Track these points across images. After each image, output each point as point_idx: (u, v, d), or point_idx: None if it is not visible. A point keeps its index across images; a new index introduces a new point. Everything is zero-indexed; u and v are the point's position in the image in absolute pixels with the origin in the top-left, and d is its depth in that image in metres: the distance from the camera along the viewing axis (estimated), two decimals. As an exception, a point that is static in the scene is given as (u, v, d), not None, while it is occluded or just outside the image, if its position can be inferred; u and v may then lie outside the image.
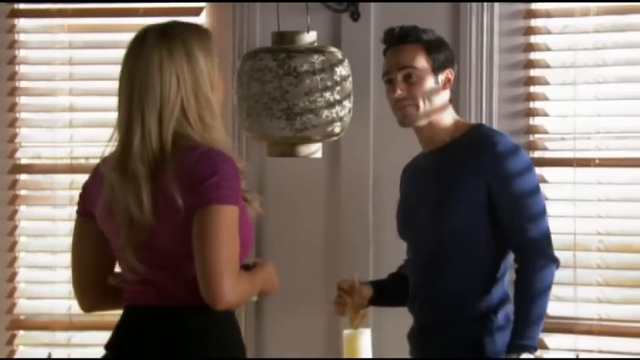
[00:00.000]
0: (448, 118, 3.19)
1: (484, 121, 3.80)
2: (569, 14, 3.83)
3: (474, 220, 3.09)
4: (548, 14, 3.87)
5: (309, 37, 3.65)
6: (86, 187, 2.65)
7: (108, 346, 2.61)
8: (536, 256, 3.07)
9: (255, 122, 3.56)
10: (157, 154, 2.47)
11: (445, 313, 3.11)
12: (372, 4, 3.97)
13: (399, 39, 3.18)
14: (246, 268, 2.60)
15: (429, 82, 3.14)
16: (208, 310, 2.47)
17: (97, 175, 2.60)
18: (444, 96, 3.17)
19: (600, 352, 3.77)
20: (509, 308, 3.13)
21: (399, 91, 3.13)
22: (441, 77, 3.16)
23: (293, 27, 3.72)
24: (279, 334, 4.01)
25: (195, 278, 2.45)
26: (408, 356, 3.24)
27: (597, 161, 3.79)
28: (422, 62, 3.14)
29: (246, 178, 2.57)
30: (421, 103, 3.13)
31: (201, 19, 4.16)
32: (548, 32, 3.87)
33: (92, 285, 2.64)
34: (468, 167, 3.09)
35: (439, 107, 3.15)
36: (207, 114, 2.53)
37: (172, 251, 2.49)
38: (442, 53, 3.17)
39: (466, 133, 3.16)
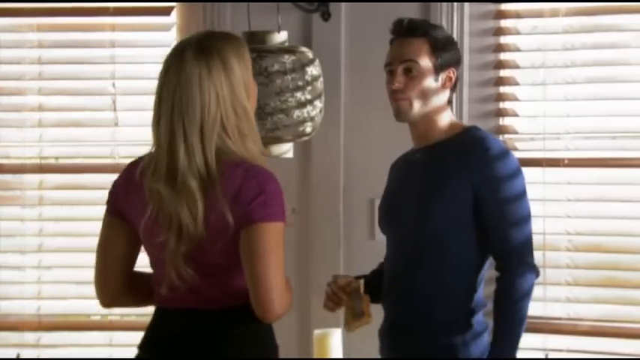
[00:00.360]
0: (445, 117, 3.13)
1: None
2: (539, 15, 3.85)
3: (457, 221, 3.05)
4: (517, 15, 3.89)
5: (280, 37, 3.66)
6: (117, 188, 2.74)
7: (142, 346, 2.72)
8: (517, 265, 3.04)
9: (226, 122, 3.55)
10: (202, 170, 2.55)
11: (418, 313, 3.08)
12: (343, 4, 3.97)
13: (406, 31, 3.12)
14: None
15: (429, 80, 3.09)
16: (247, 314, 2.58)
17: (131, 178, 2.68)
18: (443, 95, 3.12)
19: (569, 351, 3.80)
20: (482, 314, 3.12)
21: (396, 84, 3.07)
22: (442, 76, 3.10)
23: (264, 27, 3.72)
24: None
25: (235, 287, 2.60)
26: (378, 356, 3.23)
27: (566, 161, 3.81)
28: (425, 58, 3.09)
29: None
30: (416, 99, 3.08)
31: (172, 19, 4.15)
32: (518, 33, 3.89)
33: (115, 282, 2.73)
34: (456, 167, 3.06)
35: (435, 105, 3.10)
36: (244, 125, 2.61)
37: (218, 264, 2.59)
38: (448, 52, 3.12)
39: (459, 133, 3.12)
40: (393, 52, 3.14)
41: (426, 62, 3.09)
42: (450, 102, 3.15)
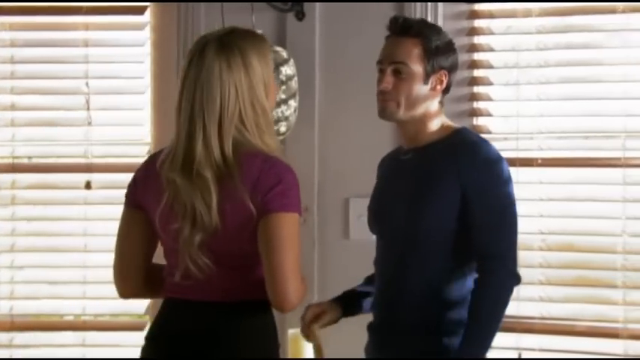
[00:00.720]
0: (435, 119, 3.08)
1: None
2: (512, 15, 3.87)
3: (446, 222, 3.01)
4: (491, 15, 3.90)
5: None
6: (136, 180, 2.78)
7: (150, 338, 2.78)
8: (498, 270, 3.00)
9: (200, 122, 3.54)
10: (219, 161, 2.60)
11: (410, 312, 3.05)
12: (317, 3, 3.97)
13: (400, 30, 3.05)
14: None
15: (418, 82, 3.02)
16: (259, 307, 2.64)
17: (150, 170, 2.73)
18: (433, 98, 3.06)
19: (542, 350, 3.81)
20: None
21: (384, 84, 3.02)
22: (433, 79, 3.03)
23: (238, 26, 3.71)
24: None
25: (246, 276, 2.64)
26: (353, 356, 3.23)
27: (539, 161, 3.82)
28: (415, 60, 3.02)
29: None
30: (403, 102, 3.02)
31: (145, 18, 4.14)
32: (492, 33, 3.90)
33: (134, 273, 2.79)
34: (446, 169, 3.01)
35: (424, 108, 3.05)
36: (262, 121, 2.66)
37: (232, 253, 2.62)
38: (441, 55, 3.04)
39: (450, 135, 3.07)
40: (385, 50, 3.07)
41: (416, 64, 3.02)
42: (441, 103, 3.09)
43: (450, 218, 3.02)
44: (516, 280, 3.03)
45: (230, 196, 2.59)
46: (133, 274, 2.79)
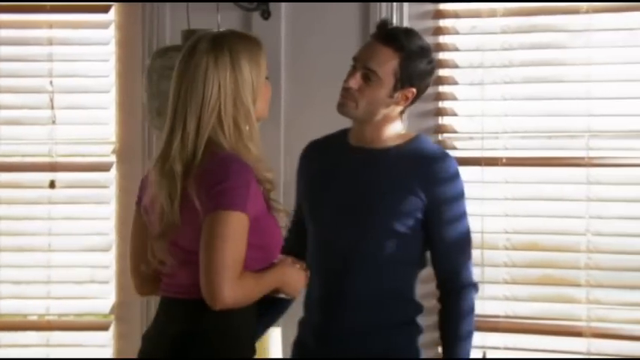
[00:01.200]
0: (393, 126, 3.08)
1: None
2: (477, 15, 3.88)
3: (402, 225, 3.03)
4: (456, 15, 3.91)
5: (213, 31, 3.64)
6: (143, 181, 2.81)
7: (143, 337, 2.80)
8: (459, 285, 3.05)
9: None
10: (190, 157, 2.62)
11: (364, 317, 3.04)
12: (283, 3, 3.96)
13: (384, 37, 3.02)
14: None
15: (383, 93, 3.00)
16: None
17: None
18: (394, 108, 3.04)
19: (506, 348, 3.83)
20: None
21: (351, 83, 3.01)
22: (399, 94, 3.01)
23: (203, 25, 3.70)
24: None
25: None
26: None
27: (504, 160, 3.84)
28: (388, 72, 2.99)
29: (275, 188, 2.71)
30: (362, 105, 3.02)
31: (110, 17, 4.12)
32: (457, 33, 3.92)
33: (143, 271, 2.79)
34: (406, 178, 3.02)
35: (380, 115, 3.04)
36: (243, 123, 2.66)
37: (194, 251, 2.60)
38: (417, 75, 3.01)
39: (408, 142, 3.07)
40: (363, 50, 3.06)
41: (387, 76, 2.99)
42: (402, 113, 3.08)
43: (405, 224, 3.02)
44: (476, 290, 3.08)
45: (187, 193, 2.60)
46: (142, 271, 2.80)
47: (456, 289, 3.04)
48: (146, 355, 2.74)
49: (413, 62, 3.00)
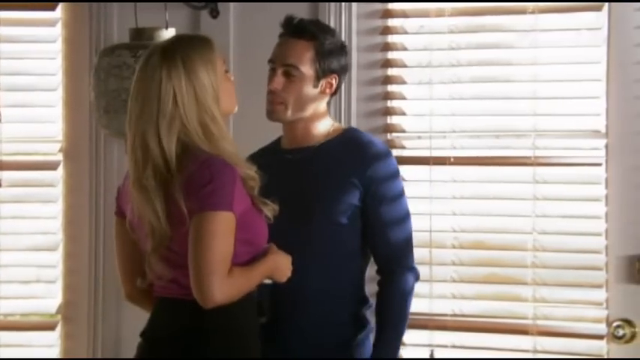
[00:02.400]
0: (323, 120, 3.15)
1: (343, 120, 3.84)
2: (425, 15, 3.89)
3: (345, 220, 3.08)
4: (404, 14, 3.92)
5: (168, 34, 3.63)
6: (119, 191, 2.85)
7: (142, 334, 2.82)
8: (397, 268, 3.11)
9: (114, 119, 3.52)
10: (161, 166, 2.65)
11: (315, 314, 3.08)
12: (232, 2, 3.95)
13: (294, 31, 3.10)
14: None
15: (308, 85, 3.08)
16: (228, 306, 2.67)
17: (127, 177, 2.78)
18: (321, 100, 3.12)
19: (454, 347, 3.85)
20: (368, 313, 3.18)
21: (274, 85, 3.06)
22: (323, 82, 3.09)
23: (151, 24, 3.69)
24: (137, 331, 3.97)
25: None
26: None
27: (452, 159, 3.86)
28: (307, 63, 3.07)
29: (258, 184, 2.74)
30: (291, 103, 3.08)
31: (57, 14, 4.09)
32: (405, 32, 3.93)
33: (129, 276, 2.86)
34: (343, 169, 3.08)
35: (311, 110, 3.10)
36: (211, 125, 2.69)
37: (187, 254, 2.66)
38: (333, 59, 3.10)
39: (340, 135, 3.14)
40: (278, 50, 3.12)
41: (307, 68, 3.08)
42: (328, 104, 3.15)
43: (348, 216, 3.07)
44: (415, 274, 3.11)
45: (173, 200, 2.65)
46: (129, 276, 2.86)
47: (395, 272, 3.10)
48: (151, 355, 2.77)
49: (327, 48, 3.09)
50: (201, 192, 2.62)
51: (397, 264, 3.12)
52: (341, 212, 3.08)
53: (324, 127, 3.15)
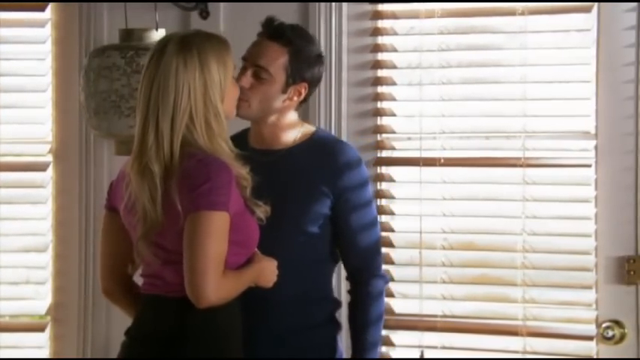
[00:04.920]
0: (291, 126, 3.14)
1: (333, 121, 3.85)
2: (415, 16, 3.90)
3: (314, 224, 3.10)
4: (394, 16, 3.93)
5: (158, 35, 3.62)
6: (112, 185, 2.89)
7: (127, 332, 2.85)
8: (369, 279, 3.16)
9: (104, 120, 3.51)
10: (167, 157, 2.68)
11: (289, 318, 3.09)
12: (222, 2, 3.95)
13: (271, 34, 3.09)
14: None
15: (275, 89, 3.07)
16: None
17: (122, 174, 2.82)
18: (287, 106, 3.11)
19: (444, 347, 3.85)
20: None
21: (242, 82, 3.03)
22: (292, 89, 3.08)
23: (141, 25, 3.68)
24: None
25: None
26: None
27: (442, 161, 3.86)
28: (279, 68, 3.06)
29: (250, 185, 2.76)
30: (256, 104, 3.06)
31: (46, 15, 4.08)
32: (395, 33, 3.93)
33: (109, 271, 2.90)
34: (315, 172, 3.09)
35: (275, 113, 3.10)
36: (213, 121, 2.72)
37: (177, 251, 2.68)
38: (307, 67, 3.09)
39: (308, 139, 3.14)
40: (252, 49, 3.11)
41: (277, 72, 3.06)
42: (297, 109, 3.17)
43: (318, 225, 3.10)
44: (384, 281, 3.18)
45: (169, 194, 2.67)
46: (111, 272, 2.90)
47: (365, 278, 3.15)
48: (136, 354, 2.77)
49: (301, 56, 3.08)
50: (198, 191, 2.64)
51: (367, 270, 3.16)
52: (311, 221, 3.10)
53: (292, 133, 3.15)
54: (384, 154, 3.92)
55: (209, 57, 2.73)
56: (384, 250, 3.48)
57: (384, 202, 3.89)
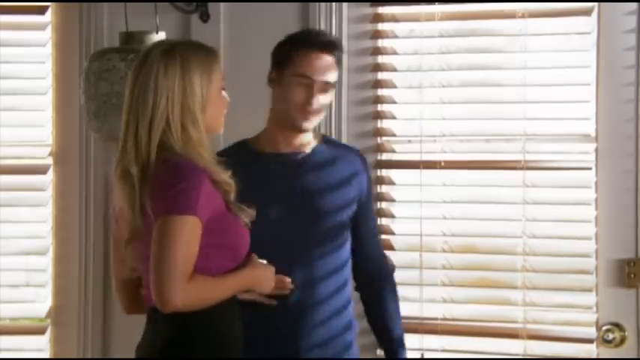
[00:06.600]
0: None
1: (333, 123, 3.85)
2: (415, 19, 3.90)
3: (346, 228, 3.21)
4: (394, 19, 3.93)
5: (158, 38, 3.63)
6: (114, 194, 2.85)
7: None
8: (388, 277, 3.33)
9: (104, 123, 3.51)
10: (145, 161, 2.67)
11: (329, 323, 3.17)
12: (222, 5, 3.95)
13: (325, 45, 3.16)
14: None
15: (332, 95, 3.23)
16: (200, 314, 2.68)
17: None
18: None
19: (444, 350, 3.85)
20: None
21: (316, 105, 3.13)
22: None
23: (142, 28, 3.69)
24: (127, 336, 3.97)
25: None
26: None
27: (442, 163, 3.86)
28: (335, 77, 3.19)
29: (234, 189, 2.74)
30: (321, 115, 3.19)
31: (47, 18, 4.08)
32: (395, 36, 3.93)
33: (116, 282, 2.91)
34: (340, 178, 3.20)
35: None
36: (191, 128, 2.70)
37: None
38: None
39: (322, 141, 3.25)
40: (313, 64, 3.14)
41: (335, 80, 3.20)
42: None
43: (348, 217, 3.19)
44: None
45: (143, 199, 2.67)
46: (116, 282, 2.91)
47: (387, 273, 3.34)
48: None
49: (340, 61, 3.22)
50: (166, 194, 2.62)
51: (386, 264, 3.35)
52: (343, 225, 3.20)
53: (312, 134, 3.26)
54: (385, 156, 3.92)
55: (192, 65, 2.72)
56: (384, 252, 3.49)
57: (384, 204, 3.89)
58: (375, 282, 3.30)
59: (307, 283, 3.10)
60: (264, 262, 2.86)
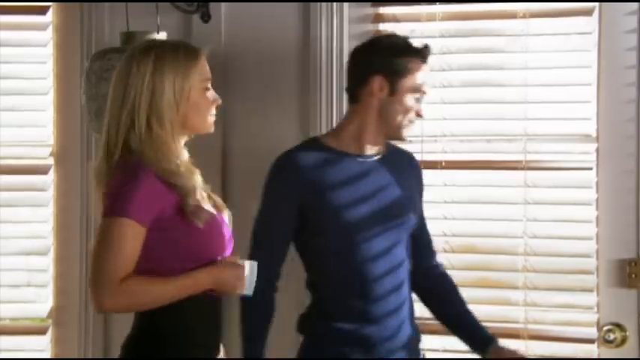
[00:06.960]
0: None
1: (335, 123, 3.84)
2: (416, 19, 3.90)
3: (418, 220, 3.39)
4: (395, 19, 3.93)
5: (159, 38, 3.63)
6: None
7: None
8: (441, 265, 3.52)
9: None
10: (111, 160, 2.71)
11: (408, 326, 3.29)
12: (223, 5, 3.95)
13: (426, 59, 3.27)
14: None
15: None
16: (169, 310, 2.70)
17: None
18: None
19: (445, 350, 3.85)
20: None
21: (422, 114, 3.28)
22: None
23: (143, 28, 3.69)
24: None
25: None
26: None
27: (443, 164, 3.86)
28: None
29: (191, 193, 2.71)
30: None
31: (48, 18, 4.09)
32: (396, 37, 3.93)
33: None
34: (412, 174, 3.37)
35: None
36: (155, 126, 2.69)
37: None
38: None
39: (389, 144, 3.35)
40: (422, 77, 3.25)
41: None
42: None
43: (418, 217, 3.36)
44: None
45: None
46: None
47: (443, 268, 3.50)
48: None
49: None
50: (107, 196, 2.67)
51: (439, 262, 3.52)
52: (415, 223, 3.33)
53: None
54: (386, 157, 3.92)
55: (165, 65, 2.71)
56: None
57: (385, 205, 3.89)
58: (440, 271, 3.47)
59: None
60: (244, 262, 2.80)
